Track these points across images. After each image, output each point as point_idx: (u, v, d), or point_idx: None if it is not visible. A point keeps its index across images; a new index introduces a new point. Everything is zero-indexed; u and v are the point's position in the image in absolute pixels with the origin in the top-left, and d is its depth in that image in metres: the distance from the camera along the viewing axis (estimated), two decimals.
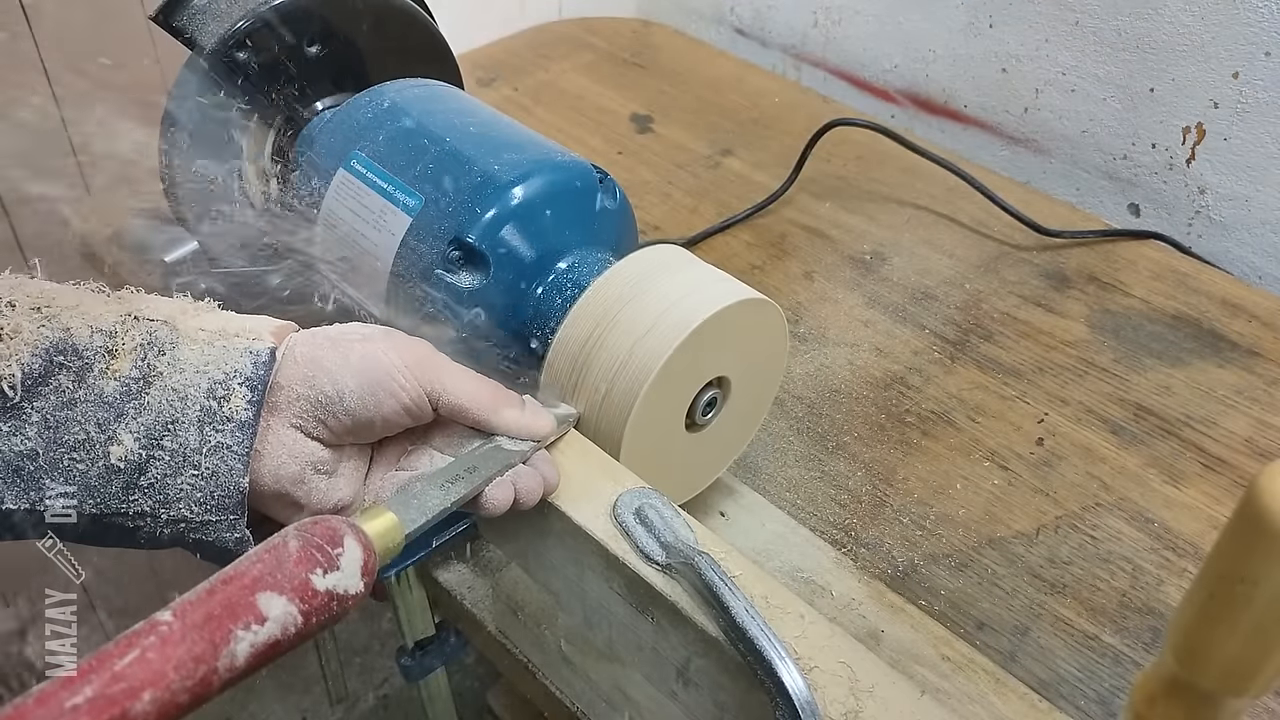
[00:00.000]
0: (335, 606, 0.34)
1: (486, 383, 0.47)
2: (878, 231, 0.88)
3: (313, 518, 0.37)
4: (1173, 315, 0.79)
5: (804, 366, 0.75)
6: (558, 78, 1.11)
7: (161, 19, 0.66)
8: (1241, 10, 0.81)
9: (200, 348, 0.43)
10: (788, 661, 0.39)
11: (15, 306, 0.41)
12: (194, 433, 0.41)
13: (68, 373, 0.41)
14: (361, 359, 0.44)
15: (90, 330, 0.41)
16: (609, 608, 0.49)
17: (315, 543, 0.35)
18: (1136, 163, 0.92)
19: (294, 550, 0.34)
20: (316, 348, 0.45)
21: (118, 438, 0.40)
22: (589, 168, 0.60)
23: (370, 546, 0.37)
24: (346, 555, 0.35)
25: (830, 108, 1.06)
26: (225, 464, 0.41)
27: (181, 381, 0.42)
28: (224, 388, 0.42)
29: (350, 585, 0.35)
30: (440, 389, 0.45)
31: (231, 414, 0.41)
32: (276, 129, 0.71)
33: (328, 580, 0.34)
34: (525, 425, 0.47)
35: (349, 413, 0.44)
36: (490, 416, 0.46)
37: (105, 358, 0.41)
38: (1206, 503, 0.65)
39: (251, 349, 0.43)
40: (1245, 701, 0.34)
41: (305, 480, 0.45)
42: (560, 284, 0.57)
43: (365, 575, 0.36)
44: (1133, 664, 0.56)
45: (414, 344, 0.46)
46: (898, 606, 0.57)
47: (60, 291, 0.43)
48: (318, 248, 0.63)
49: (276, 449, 0.44)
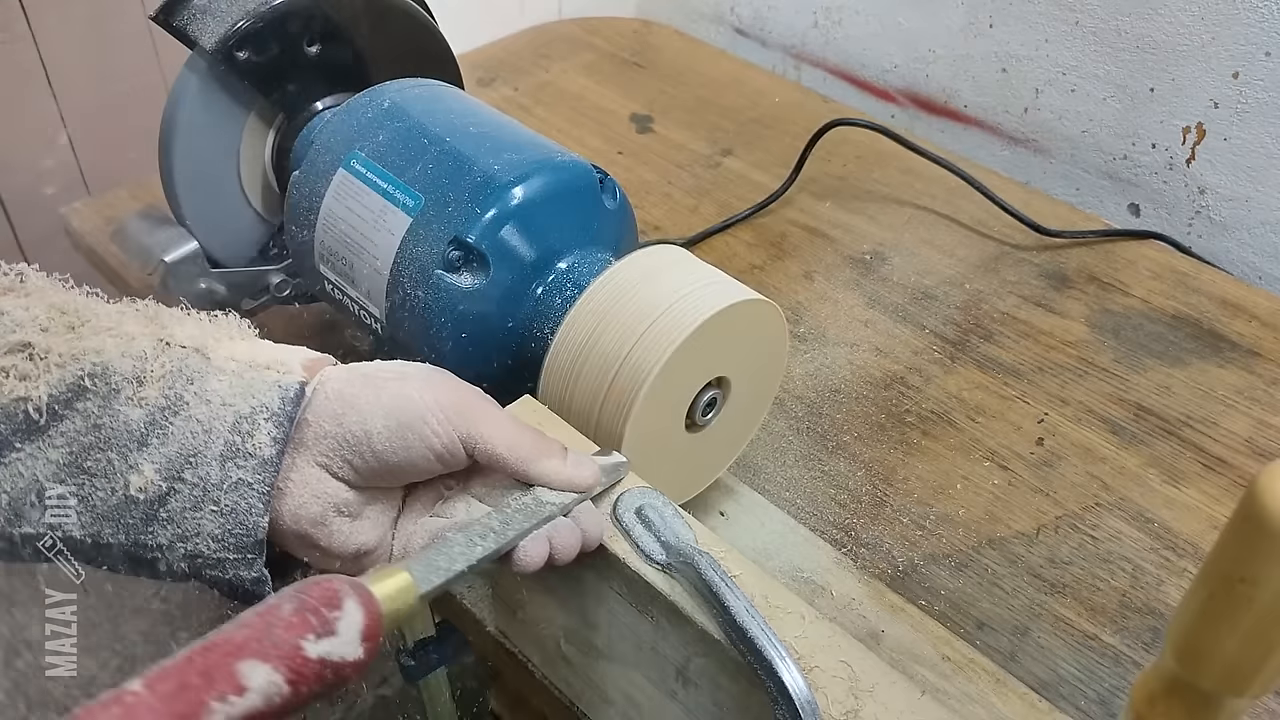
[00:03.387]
0: (330, 675, 0.32)
1: (527, 431, 0.44)
2: (878, 231, 0.88)
3: (313, 578, 0.34)
4: (1173, 315, 0.79)
5: (804, 366, 0.75)
6: (557, 78, 1.11)
7: (161, 19, 0.66)
8: (1241, 10, 0.81)
9: (229, 379, 0.41)
10: (788, 661, 0.39)
11: (48, 330, 0.41)
12: (216, 467, 0.40)
13: (95, 398, 0.40)
14: (393, 399, 0.42)
15: (121, 355, 0.41)
16: (609, 608, 0.49)
17: (311, 605, 0.32)
18: (1136, 163, 0.92)
19: (286, 614, 0.32)
20: (349, 384, 0.43)
21: (139, 467, 0.40)
22: (589, 168, 0.60)
23: (376, 609, 0.34)
24: (345, 620, 0.33)
25: (830, 108, 1.06)
26: (245, 501, 0.40)
27: (207, 413, 0.40)
28: (249, 422, 0.40)
29: (348, 652, 0.33)
30: (476, 436, 0.42)
31: (255, 450, 0.40)
32: (276, 129, 0.71)
33: (321, 646, 0.32)
34: (567, 478, 0.44)
35: (376, 455, 0.42)
36: (528, 467, 0.43)
37: (133, 384, 0.40)
38: (1206, 503, 0.65)
39: (281, 383, 0.41)
40: (1245, 701, 0.34)
41: (327, 522, 0.43)
42: (560, 284, 0.57)
43: (367, 640, 0.33)
44: (1133, 664, 0.56)
45: (454, 387, 0.44)
46: (898, 606, 0.57)
47: (95, 309, 0.43)
48: (317, 248, 0.63)
49: (299, 487, 0.42)
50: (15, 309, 0.41)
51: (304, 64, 0.68)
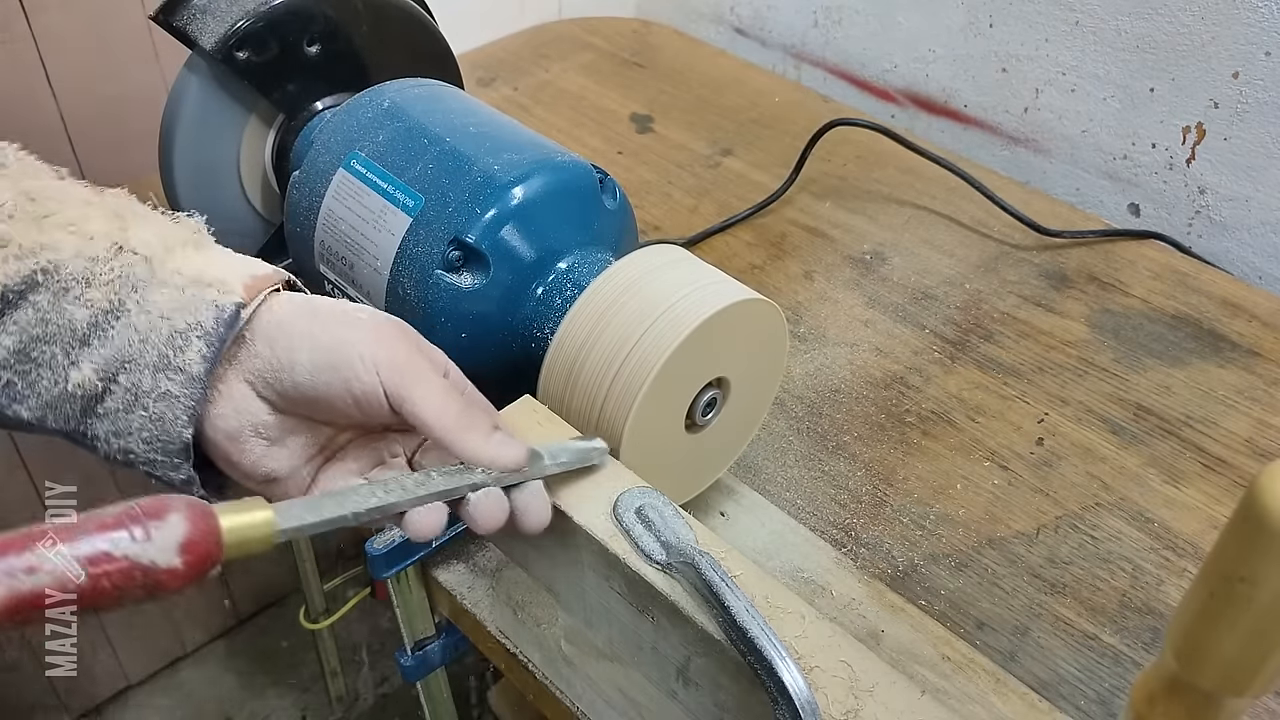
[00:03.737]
0: (140, 576, 0.34)
1: (459, 402, 0.43)
2: (878, 231, 0.88)
3: (158, 496, 0.36)
4: (1173, 315, 0.79)
5: (804, 366, 0.75)
6: (557, 78, 1.11)
7: (161, 19, 0.66)
8: (1241, 10, 0.81)
9: (171, 293, 0.43)
10: (788, 661, 0.39)
11: (13, 218, 0.42)
12: (148, 376, 0.42)
13: (46, 293, 0.42)
14: (330, 336, 0.43)
15: (76, 254, 0.42)
16: (609, 608, 0.49)
17: (134, 513, 0.35)
18: (1136, 163, 0.92)
19: (107, 515, 0.34)
20: (295, 313, 0.44)
21: (79, 364, 0.42)
22: (589, 168, 0.60)
23: (209, 530, 0.36)
24: (164, 530, 0.35)
25: (830, 108, 1.06)
26: (171, 412, 0.42)
27: (145, 324, 0.42)
28: (183, 338, 0.42)
29: (161, 559, 0.34)
30: (405, 396, 0.42)
31: (184, 365, 0.42)
32: (276, 129, 0.71)
33: (130, 548, 0.34)
34: (487, 455, 0.43)
35: (296, 384, 0.43)
36: (451, 437, 0.43)
37: (82, 285, 0.42)
38: (1206, 503, 0.65)
39: (219, 303, 0.43)
40: (1245, 701, 0.34)
41: (242, 439, 0.44)
42: (560, 284, 0.57)
43: (187, 554, 0.35)
44: (1133, 664, 0.56)
45: (399, 343, 0.44)
46: (898, 606, 0.57)
47: (66, 197, 0.44)
48: (317, 248, 0.63)
49: (223, 401, 0.43)
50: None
51: (304, 64, 0.68)
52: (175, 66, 0.68)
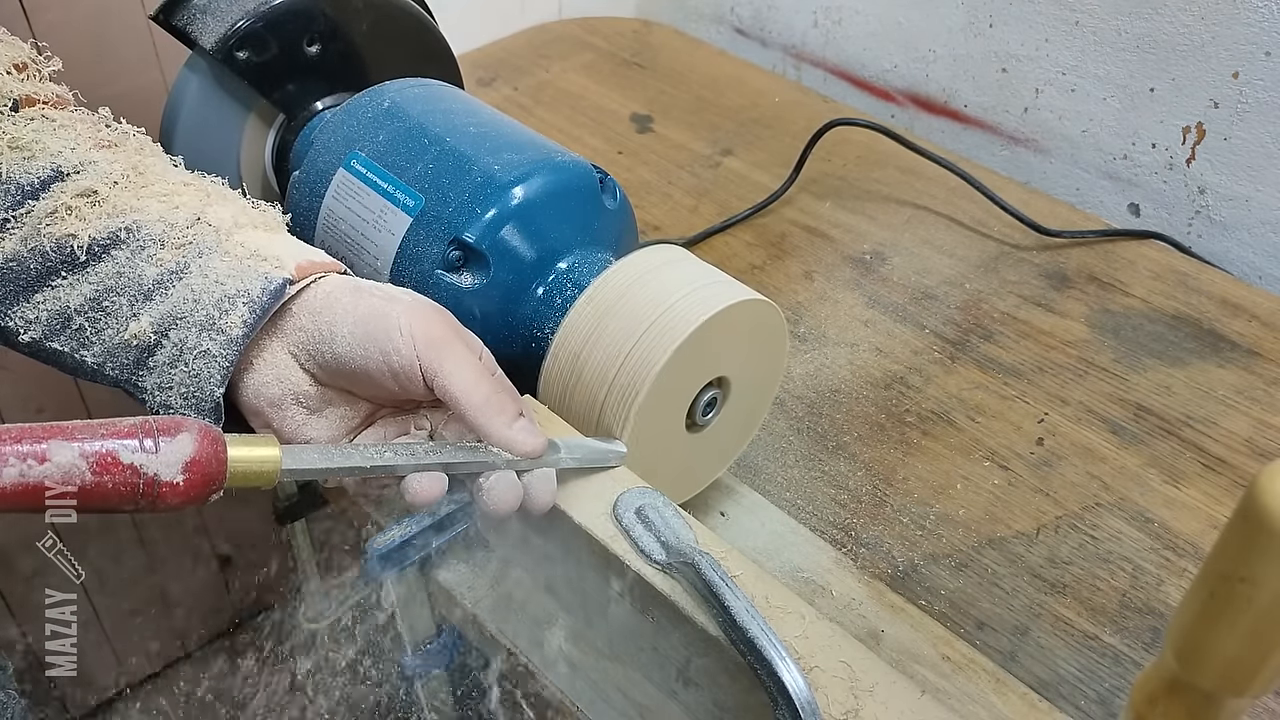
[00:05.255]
0: (141, 485, 0.36)
1: (490, 384, 0.45)
2: (878, 231, 0.88)
3: (177, 416, 0.39)
4: (1173, 315, 0.79)
5: (804, 366, 0.75)
6: (558, 78, 1.11)
7: (161, 18, 0.66)
8: (1241, 10, 0.81)
9: (231, 262, 0.46)
10: (788, 661, 0.39)
11: (118, 184, 0.47)
12: (194, 333, 0.44)
13: (126, 249, 0.46)
14: (370, 311, 0.45)
15: (158, 219, 0.47)
16: (609, 608, 0.49)
17: (147, 427, 0.36)
18: (1136, 162, 0.92)
19: (122, 425, 0.36)
20: (340, 289, 0.46)
21: (139, 316, 0.45)
22: (589, 168, 0.60)
23: (216, 454, 0.38)
24: (172, 446, 0.36)
25: (830, 108, 1.06)
26: (207, 370, 0.44)
27: (202, 285, 0.45)
28: (230, 303, 0.44)
29: (164, 472, 0.36)
30: (437, 370, 0.44)
31: (226, 327, 0.44)
32: (276, 129, 0.71)
33: (137, 457, 0.36)
34: (504, 437, 0.45)
35: (337, 356, 0.45)
36: (476, 415, 0.44)
37: (157, 245, 0.46)
38: (1206, 503, 0.65)
39: (269, 275, 0.45)
40: (1246, 701, 0.34)
41: (284, 407, 0.46)
42: (560, 284, 0.57)
43: (190, 472, 0.37)
44: (1133, 664, 0.56)
45: (437, 322, 0.45)
46: (898, 606, 0.57)
47: (167, 175, 0.49)
48: (317, 247, 0.63)
49: (267, 367, 0.46)
50: (103, 160, 0.48)
51: (304, 64, 0.68)
52: (175, 66, 0.68)
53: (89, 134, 0.50)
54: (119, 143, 0.50)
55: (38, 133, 0.49)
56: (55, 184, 0.47)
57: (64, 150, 0.48)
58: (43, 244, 0.46)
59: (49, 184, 0.47)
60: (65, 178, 0.47)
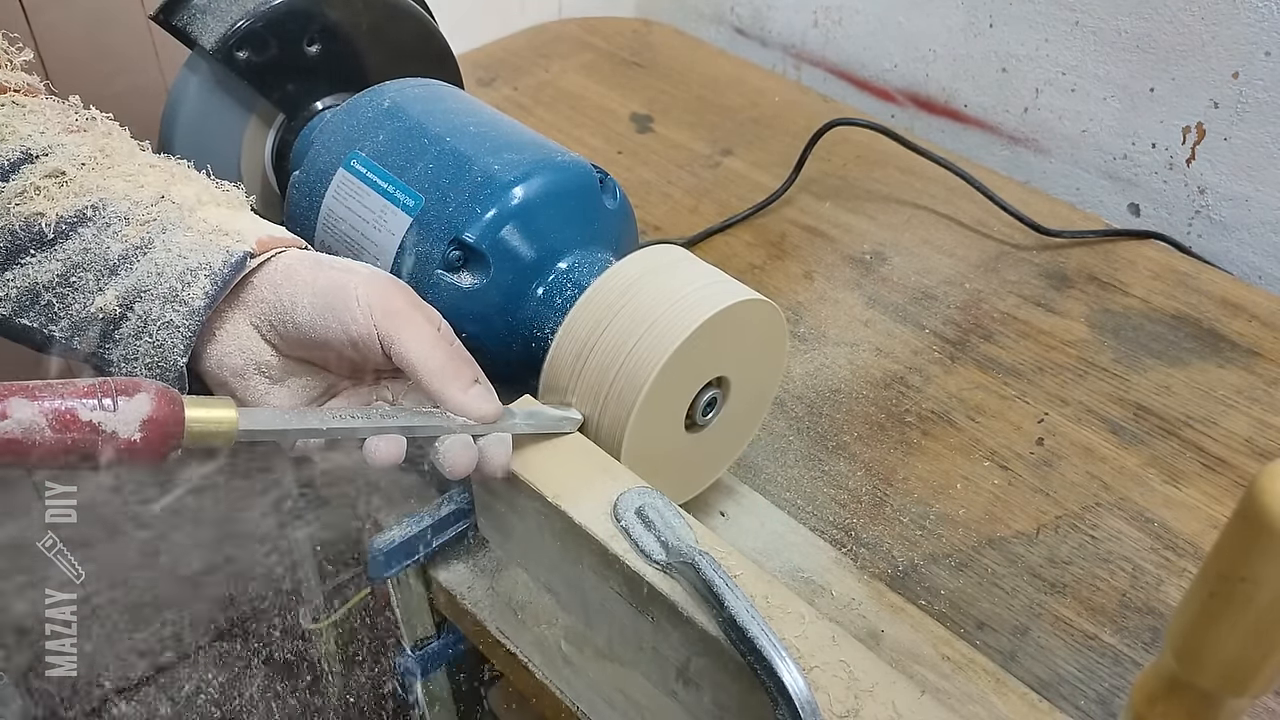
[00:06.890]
0: (100, 441, 0.37)
1: (445, 352, 0.47)
2: (878, 231, 0.88)
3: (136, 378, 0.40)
4: (1173, 315, 0.79)
5: (804, 366, 0.75)
6: (557, 77, 1.11)
7: (161, 18, 0.66)
8: (1241, 10, 0.81)
9: (194, 236, 0.47)
10: (788, 661, 0.39)
11: (85, 165, 0.49)
12: (157, 305, 0.46)
13: (92, 226, 0.47)
14: (329, 282, 0.46)
15: (124, 197, 0.48)
16: (609, 608, 0.49)
17: (106, 386, 0.38)
18: (1136, 162, 0.92)
19: (82, 385, 0.38)
20: (300, 262, 0.48)
21: (104, 291, 0.46)
22: (589, 168, 0.60)
23: (172, 413, 0.39)
24: (129, 405, 0.38)
25: (830, 107, 1.06)
26: (170, 340, 0.46)
27: (166, 259, 0.47)
28: (192, 275, 0.46)
29: (122, 429, 0.37)
30: (394, 338, 0.46)
31: (188, 299, 0.46)
32: (276, 129, 0.71)
33: (95, 414, 0.37)
34: (460, 402, 0.46)
35: (298, 326, 0.46)
36: (432, 381, 0.46)
37: (122, 222, 0.47)
38: (1206, 503, 0.65)
39: (230, 249, 0.47)
40: (1246, 701, 0.34)
41: (247, 376, 0.48)
42: (560, 284, 0.57)
43: (147, 430, 0.38)
44: (1133, 664, 0.56)
45: (394, 293, 0.47)
46: (898, 606, 0.57)
47: (135, 157, 0.51)
48: (317, 247, 0.63)
49: (230, 338, 0.47)
50: (71, 143, 0.50)
51: (304, 64, 0.68)
52: (175, 66, 0.68)
53: (58, 119, 0.51)
54: (87, 128, 0.52)
55: (8, 117, 0.50)
56: (25, 165, 0.48)
57: (33, 134, 0.49)
58: (12, 223, 0.47)
59: (19, 166, 0.48)
60: (34, 159, 0.49)
